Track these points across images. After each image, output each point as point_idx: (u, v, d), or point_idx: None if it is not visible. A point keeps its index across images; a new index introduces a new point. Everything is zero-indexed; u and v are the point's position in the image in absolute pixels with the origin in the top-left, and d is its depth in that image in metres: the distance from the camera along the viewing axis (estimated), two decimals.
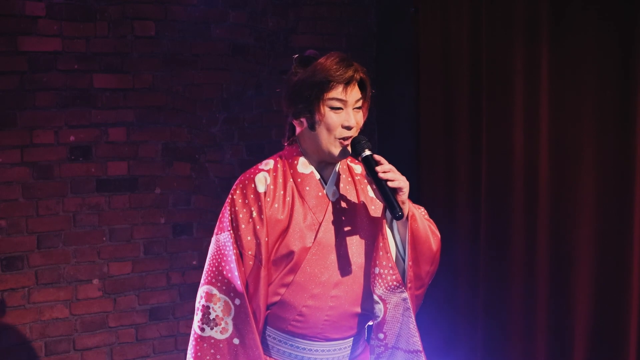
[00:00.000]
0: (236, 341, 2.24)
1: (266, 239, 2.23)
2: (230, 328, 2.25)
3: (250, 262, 2.23)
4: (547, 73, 3.42)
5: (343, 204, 2.31)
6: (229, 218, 2.28)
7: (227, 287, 2.24)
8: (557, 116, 3.42)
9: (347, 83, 2.22)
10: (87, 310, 3.79)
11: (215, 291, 2.26)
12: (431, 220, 2.39)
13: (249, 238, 2.24)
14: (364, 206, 2.34)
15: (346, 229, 2.29)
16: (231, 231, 2.26)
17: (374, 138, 4.47)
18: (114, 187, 3.82)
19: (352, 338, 2.35)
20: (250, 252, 2.23)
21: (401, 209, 2.16)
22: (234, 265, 2.23)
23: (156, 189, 3.91)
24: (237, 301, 2.23)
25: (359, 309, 2.30)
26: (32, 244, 3.65)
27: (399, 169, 2.24)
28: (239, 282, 2.22)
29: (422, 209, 2.44)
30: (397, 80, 4.39)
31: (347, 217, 2.30)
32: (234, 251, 2.24)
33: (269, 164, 2.34)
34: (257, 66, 4.14)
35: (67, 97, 3.69)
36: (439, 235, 2.35)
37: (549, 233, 3.46)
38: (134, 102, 3.84)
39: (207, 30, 4.00)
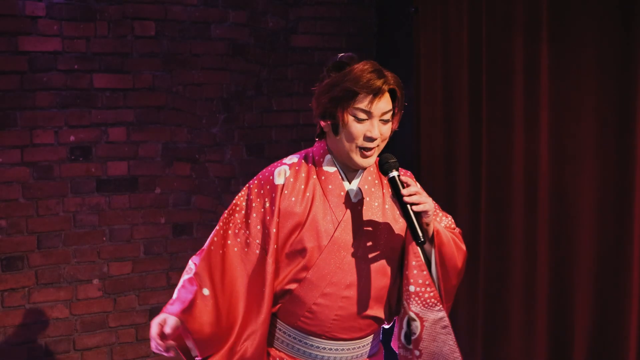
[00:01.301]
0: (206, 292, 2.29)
1: (274, 230, 2.25)
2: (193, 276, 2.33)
3: (257, 251, 2.26)
4: (547, 73, 3.43)
5: (365, 206, 2.29)
6: (239, 203, 2.33)
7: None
8: (557, 116, 3.42)
9: (374, 94, 2.18)
10: (87, 310, 3.79)
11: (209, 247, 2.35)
12: (456, 233, 2.38)
13: (258, 227, 2.27)
14: (388, 210, 2.32)
15: (366, 230, 2.28)
16: (236, 214, 2.32)
17: None
18: (114, 187, 3.82)
19: (362, 340, 2.35)
20: (257, 241, 2.26)
21: (425, 235, 2.17)
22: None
23: (156, 189, 3.91)
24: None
25: (370, 312, 2.30)
26: (32, 244, 3.65)
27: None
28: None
29: (450, 218, 2.44)
30: None
31: (368, 219, 2.29)
32: (223, 227, 2.32)
33: (292, 159, 2.35)
34: (257, 66, 4.14)
35: (67, 97, 3.69)
36: (464, 249, 2.35)
37: (549, 232, 3.46)
38: (134, 102, 3.85)
39: (207, 30, 4.00)
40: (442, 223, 2.39)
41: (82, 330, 3.78)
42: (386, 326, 2.41)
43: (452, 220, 2.44)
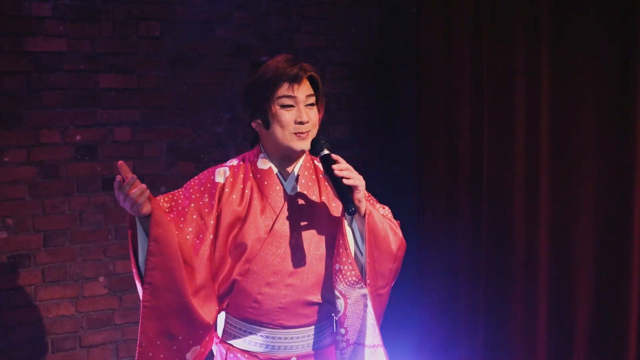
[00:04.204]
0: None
1: (212, 222, 2.35)
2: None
3: (188, 237, 2.34)
4: (548, 73, 3.45)
5: (302, 199, 2.41)
6: (177, 194, 2.43)
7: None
8: (557, 116, 3.45)
9: (292, 80, 2.31)
10: (93, 308, 3.82)
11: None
12: (394, 221, 2.47)
13: (194, 216, 2.36)
14: (324, 202, 2.43)
15: (303, 221, 2.39)
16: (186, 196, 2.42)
17: (375, 137, 4.50)
18: None
19: (311, 327, 2.43)
20: (190, 229, 2.35)
21: (355, 205, 2.25)
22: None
23: (161, 188, 3.94)
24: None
25: (314, 299, 2.40)
26: (38, 242, 3.68)
27: (399, 168, 2.28)
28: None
29: (387, 208, 2.53)
30: (399, 80, 4.42)
31: (306, 210, 2.40)
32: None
33: (232, 161, 2.47)
34: None
35: (72, 97, 3.72)
36: (401, 236, 2.43)
37: (550, 231, 3.49)
38: (139, 101, 3.87)
39: (211, 30, 4.03)
40: (379, 211, 2.47)
41: (88, 327, 3.81)
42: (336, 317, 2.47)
43: (390, 211, 2.53)
